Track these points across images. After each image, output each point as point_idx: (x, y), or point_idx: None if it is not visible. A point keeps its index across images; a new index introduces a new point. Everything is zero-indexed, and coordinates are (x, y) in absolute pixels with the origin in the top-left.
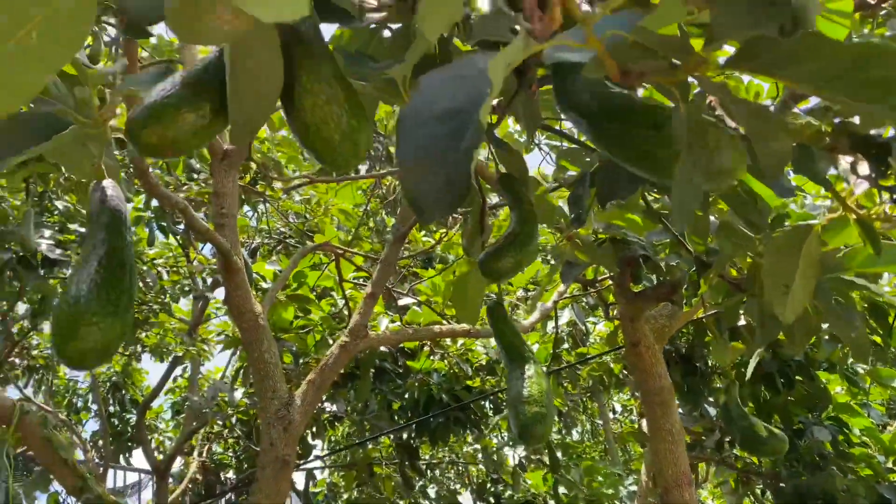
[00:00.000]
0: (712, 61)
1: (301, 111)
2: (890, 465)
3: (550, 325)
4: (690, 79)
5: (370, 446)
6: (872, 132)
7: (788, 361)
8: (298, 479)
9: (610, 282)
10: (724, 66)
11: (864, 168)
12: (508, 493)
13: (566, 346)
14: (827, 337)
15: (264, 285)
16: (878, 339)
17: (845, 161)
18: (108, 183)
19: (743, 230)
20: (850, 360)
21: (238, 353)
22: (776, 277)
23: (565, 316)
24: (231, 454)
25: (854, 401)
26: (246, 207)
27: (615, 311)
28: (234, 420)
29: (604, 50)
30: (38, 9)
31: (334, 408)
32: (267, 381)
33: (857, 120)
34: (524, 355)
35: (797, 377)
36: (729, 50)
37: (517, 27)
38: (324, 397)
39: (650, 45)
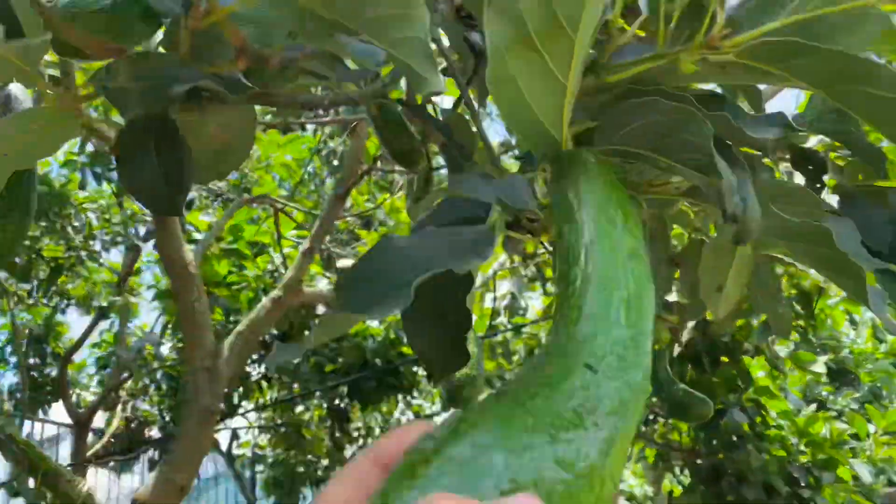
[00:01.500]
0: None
1: None
2: (802, 447)
3: (489, 296)
4: None
5: (300, 408)
6: (809, 145)
7: (717, 343)
8: (222, 439)
9: (549, 256)
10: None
11: (799, 179)
12: None
13: (502, 318)
14: (758, 325)
15: (198, 237)
16: (804, 323)
17: (783, 169)
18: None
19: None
20: (774, 340)
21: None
22: (711, 277)
23: (503, 287)
24: (156, 411)
25: (774, 385)
26: None
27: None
28: (159, 375)
29: None
30: None
31: (263, 369)
32: (195, 331)
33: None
34: None
35: (723, 358)
36: None
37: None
38: (254, 357)
39: None
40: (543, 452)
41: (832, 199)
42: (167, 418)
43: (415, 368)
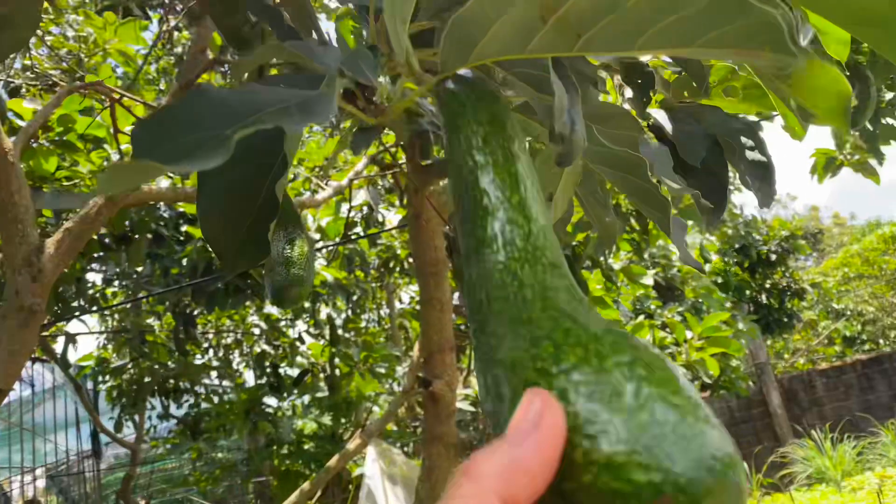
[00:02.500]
0: None
1: None
2: None
3: (344, 206)
4: None
5: (144, 309)
6: (642, 59)
7: None
8: (57, 346)
9: (406, 169)
10: None
11: (628, 93)
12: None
13: (358, 229)
14: (595, 237)
15: (22, 124)
16: (637, 237)
17: (616, 81)
18: None
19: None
20: (610, 254)
21: None
22: (542, 185)
23: (360, 197)
24: None
25: (608, 296)
26: None
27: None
28: None
29: None
30: None
31: (103, 272)
32: (15, 225)
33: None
34: (289, 218)
35: None
36: None
37: None
38: (94, 261)
39: None
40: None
41: (659, 114)
42: None
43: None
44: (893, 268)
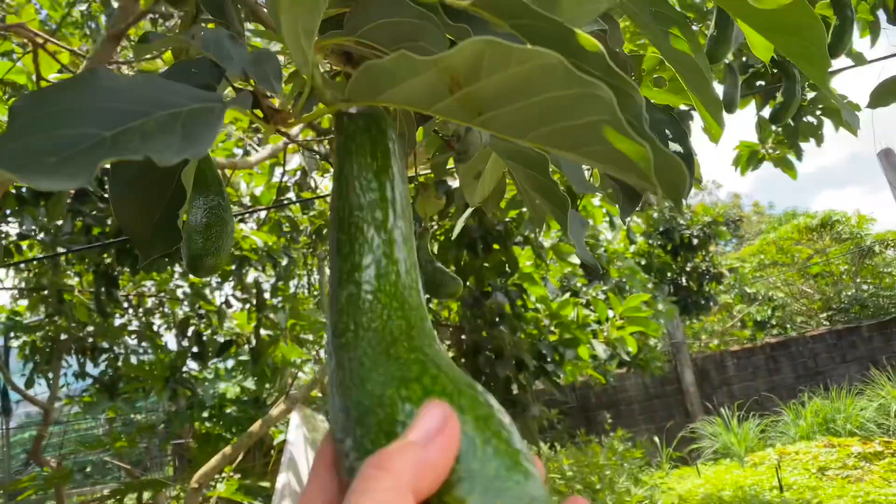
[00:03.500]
0: None
1: None
2: (553, 328)
3: (278, 170)
4: None
5: (62, 268)
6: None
7: (491, 231)
8: None
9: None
10: None
11: None
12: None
13: (291, 195)
14: (527, 216)
15: None
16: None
17: None
18: None
19: None
20: (540, 232)
21: None
22: (471, 164)
23: (294, 161)
24: None
25: (537, 273)
26: None
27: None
28: None
29: None
30: None
31: (21, 228)
32: None
33: None
34: (209, 184)
35: (495, 246)
36: None
37: None
38: (7, 215)
39: None
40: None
41: None
42: None
43: None
44: (805, 257)
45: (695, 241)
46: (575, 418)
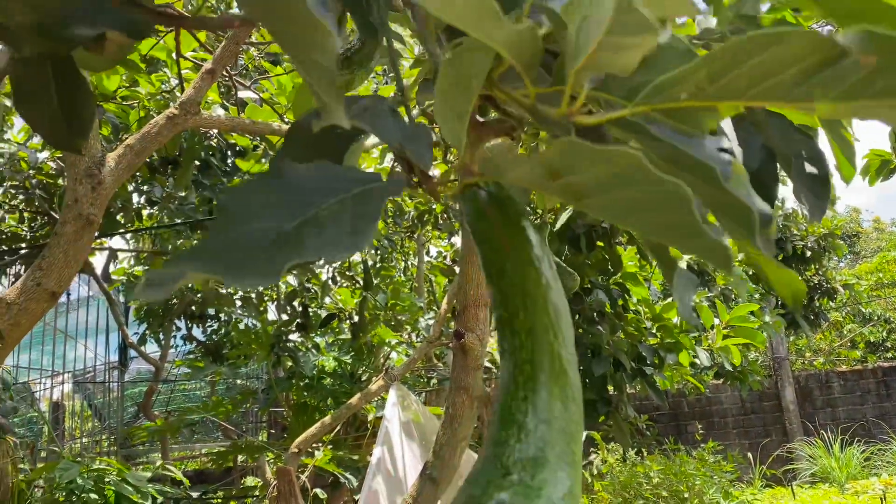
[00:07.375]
0: None
1: None
2: (654, 331)
3: (388, 157)
4: None
5: (182, 240)
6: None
7: (597, 227)
8: (98, 262)
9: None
10: None
11: None
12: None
13: None
14: None
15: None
16: None
17: None
18: None
19: None
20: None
21: None
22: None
23: None
24: (25, 228)
25: (640, 273)
26: None
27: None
28: (34, 182)
29: None
30: None
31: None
32: None
33: None
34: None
35: (599, 243)
36: None
37: None
38: (140, 183)
39: None
40: None
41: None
42: (38, 234)
43: None
44: None
45: (808, 254)
46: (664, 426)
